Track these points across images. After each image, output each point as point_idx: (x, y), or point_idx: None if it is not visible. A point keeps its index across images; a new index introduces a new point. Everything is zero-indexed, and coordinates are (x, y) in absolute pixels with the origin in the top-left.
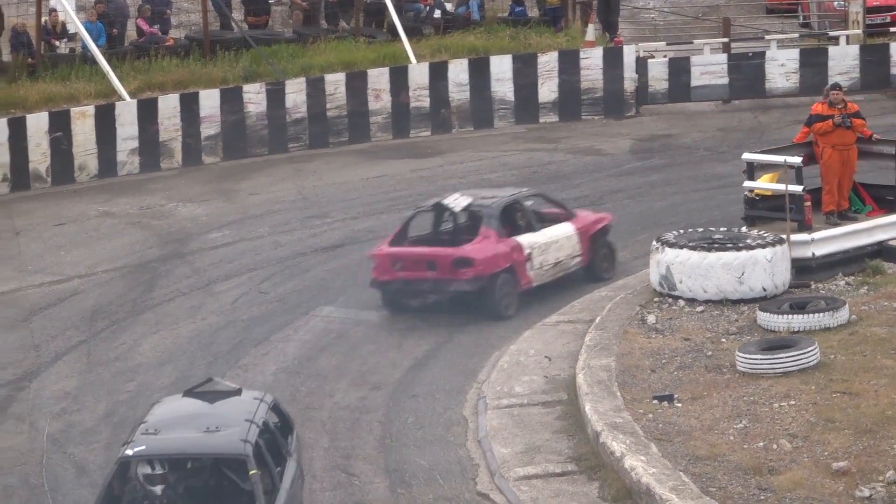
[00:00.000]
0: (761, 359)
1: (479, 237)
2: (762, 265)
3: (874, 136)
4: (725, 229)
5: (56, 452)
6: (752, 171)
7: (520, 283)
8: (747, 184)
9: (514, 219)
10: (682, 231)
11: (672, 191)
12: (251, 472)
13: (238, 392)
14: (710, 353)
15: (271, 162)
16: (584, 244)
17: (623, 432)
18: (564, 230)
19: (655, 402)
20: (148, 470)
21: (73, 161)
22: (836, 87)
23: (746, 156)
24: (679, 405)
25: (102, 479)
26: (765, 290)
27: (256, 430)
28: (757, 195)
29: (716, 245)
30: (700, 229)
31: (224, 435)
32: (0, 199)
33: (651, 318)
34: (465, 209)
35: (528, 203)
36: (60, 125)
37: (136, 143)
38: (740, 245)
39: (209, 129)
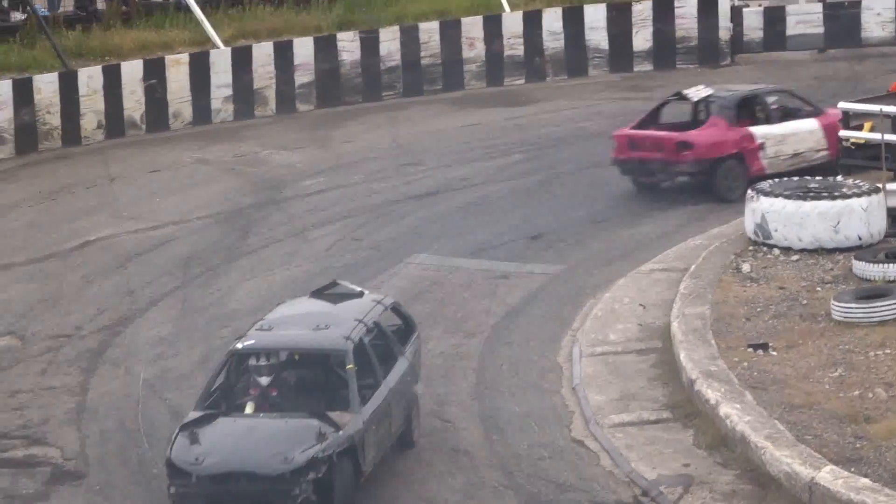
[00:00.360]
0: (857, 307)
1: (707, 125)
2: (858, 214)
3: None
4: (821, 178)
5: (151, 397)
6: (848, 120)
7: (750, 169)
8: (843, 133)
9: (751, 111)
10: (777, 180)
11: None
12: (348, 367)
13: (360, 294)
14: (805, 301)
15: (365, 110)
16: (830, 139)
17: (718, 380)
18: (808, 125)
19: (750, 350)
20: (256, 362)
21: (168, 108)
22: None
23: (842, 105)
24: (774, 353)
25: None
26: (860, 238)
27: (363, 329)
28: (853, 144)
29: (811, 194)
30: (795, 178)
31: (329, 332)
32: (95, 146)
33: (746, 267)
34: (702, 100)
35: (771, 98)
36: (155, 73)
37: (230, 91)
38: (836, 194)
39: (303, 77)
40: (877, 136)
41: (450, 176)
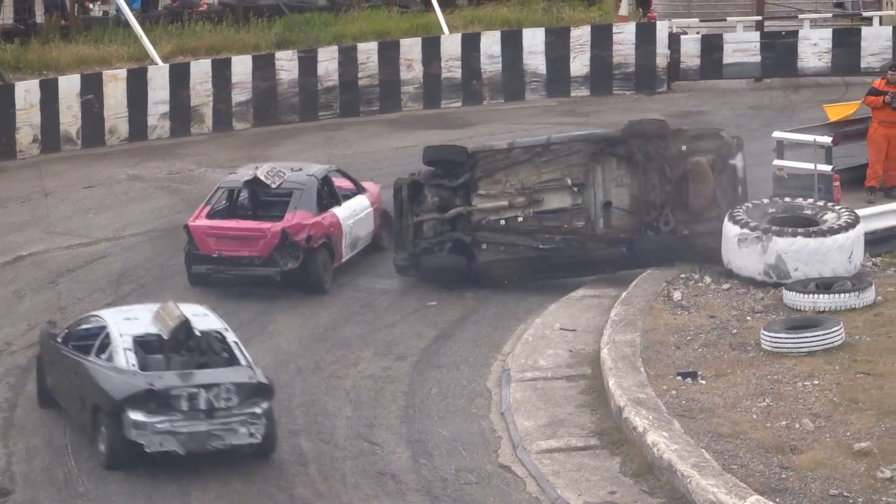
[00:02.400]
0: (786, 338)
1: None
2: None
3: None
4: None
5: None
6: (782, 149)
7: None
8: (777, 162)
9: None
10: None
11: None
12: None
13: None
14: (735, 330)
15: (302, 129)
16: (377, 216)
17: (646, 408)
18: (363, 203)
19: (679, 378)
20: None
21: (104, 124)
22: (891, 66)
23: (777, 134)
24: (703, 382)
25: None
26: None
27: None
28: (785, 174)
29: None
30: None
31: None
32: (31, 160)
33: (677, 295)
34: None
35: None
36: (92, 88)
37: (167, 108)
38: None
39: (240, 95)
40: (809, 165)
41: (386, 197)
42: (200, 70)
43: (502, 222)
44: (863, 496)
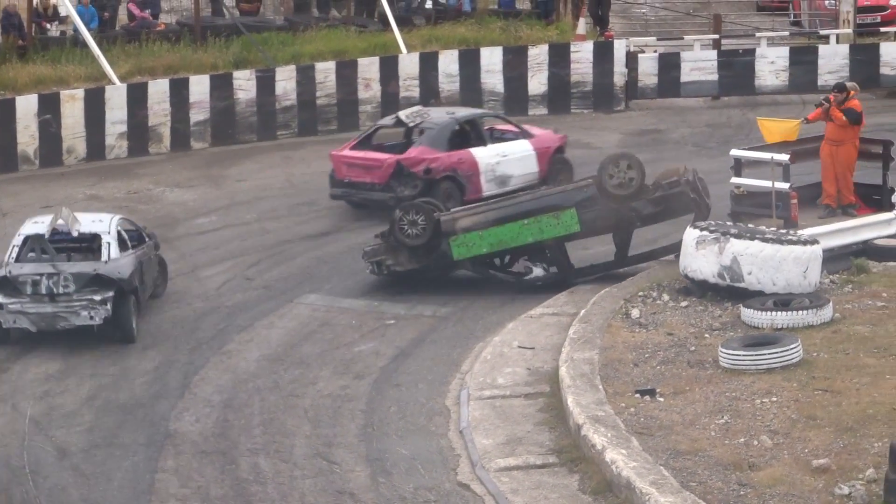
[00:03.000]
0: (744, 355)
1: (416, 148)
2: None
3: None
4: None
5: (38, 435)
6: (740, 167)
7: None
8: (734, 180)
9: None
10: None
11: None
12: None
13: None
14: (693, 348)
15: (260, 149)
16: (542, 162)
17: (605, 425)
18: (521, 147)
19: (637, 396)
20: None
21: (62, 144)
22: (834, 87)
23: (734, 152)
24: (661, 400)
25: None
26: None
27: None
28: (744, 192)
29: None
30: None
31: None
32: None
33: (635, 313)
34: (416, 125)
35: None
36: (50, 108)
37: (124, 128)
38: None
39: (198, 114)
40: (767, 183)
41: (343, 216)
42: (158, 90)
43: None
44: None
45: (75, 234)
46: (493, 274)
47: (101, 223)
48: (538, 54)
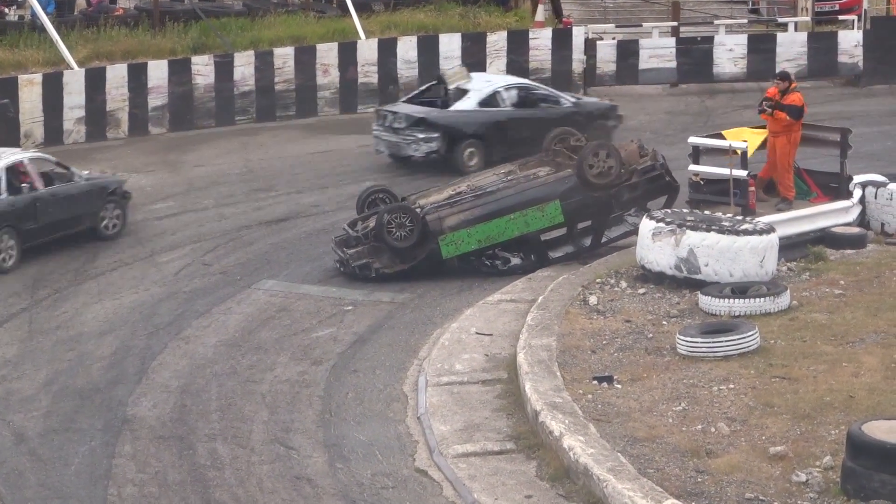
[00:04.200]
0: (701, 342)
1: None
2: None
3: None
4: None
5: None
6: (698, 154)
7: None
8: (692, 167)
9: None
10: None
11: None
12: None
13: None
14: (650, 335)
15: (218, 134)
16: None
17: (562, 412)
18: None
19: (595, 382)
20: None
21: (20, 128)
22: (777, 76)
23: (692, 139)
24: (619, 386)
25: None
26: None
27: None
28: (701, 180)
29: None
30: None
31: None
32: None
33: (593, 300)
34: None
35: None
36: (7, 92)
37: (82, 112)
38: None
39: (156, 99)
40: (725, 171)
41: (301, 202)
42: (116, 75)
43: None
44: (778, 499)
45: None
46: (479, 267)
47: None
48: (497, 41)
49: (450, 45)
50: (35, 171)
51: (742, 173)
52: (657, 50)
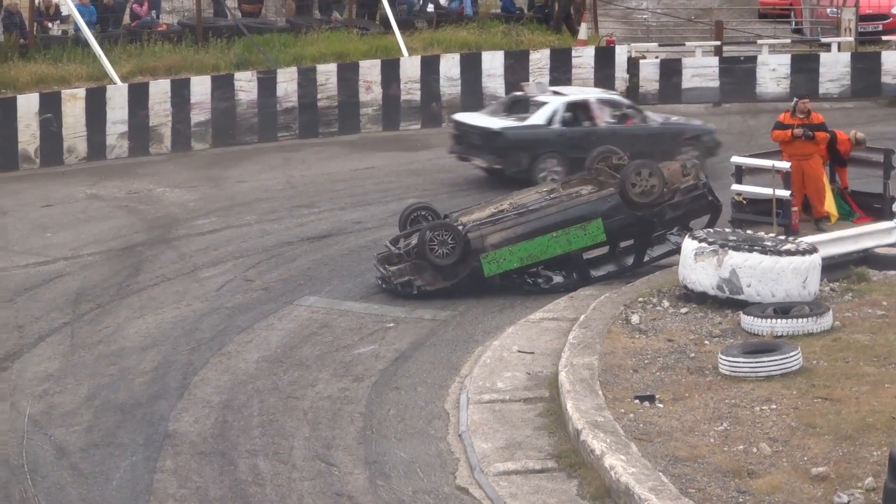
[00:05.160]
0: (744, 362)
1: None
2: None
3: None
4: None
5: (37, 434)
6: (741, 174)
7: None
8: (735, 187)
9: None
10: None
11: None
12: None
13: None
14: (692, 354)
15: (260, 150)
16: None
17: (604, 431)
18: None
19: (637, 401)
20: None
21: (63, 143)
22: (802, 97)
23: (735, 159)
24: (660, 406)
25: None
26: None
27: None
28: (744, 199)
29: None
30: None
31: None
32: None
33: (635, 318)
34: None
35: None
36: (51, 107)
37: (125, 128)
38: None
39: (199, 115)
40: (767, 191)
41: (343, 219)
42: (159, 90)
43: None
44: None
45: None
46: (521, 284)
47: None
48: (540, 59)
49: (493, 63)
50: (600, 109)
51: (785, 193)
52: (700, 69)
